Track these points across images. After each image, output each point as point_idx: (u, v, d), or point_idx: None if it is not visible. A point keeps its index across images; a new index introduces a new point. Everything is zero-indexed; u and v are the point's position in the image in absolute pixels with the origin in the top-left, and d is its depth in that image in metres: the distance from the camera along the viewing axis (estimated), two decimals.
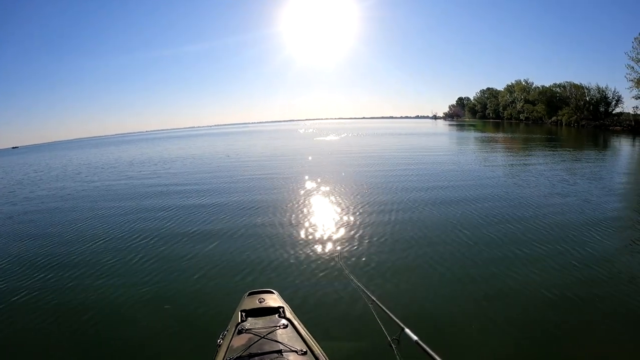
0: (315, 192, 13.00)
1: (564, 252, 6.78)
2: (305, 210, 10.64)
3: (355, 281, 3.93)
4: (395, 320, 2.61)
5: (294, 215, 10.04)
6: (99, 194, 15.23)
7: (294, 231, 8.73)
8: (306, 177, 15.94)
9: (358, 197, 11.73)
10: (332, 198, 11.88)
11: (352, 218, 9.44)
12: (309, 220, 9.62)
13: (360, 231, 8.39)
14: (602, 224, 8.35)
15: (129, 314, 5.42)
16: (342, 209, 10.34)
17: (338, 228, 8.71)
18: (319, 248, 7.55)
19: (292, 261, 6.99)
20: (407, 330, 2.42)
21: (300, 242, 7.99)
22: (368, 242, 7.72)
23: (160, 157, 32.34)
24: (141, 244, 8.40)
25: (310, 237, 8.30)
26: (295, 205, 11.21)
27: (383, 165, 18.97)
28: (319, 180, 15.16)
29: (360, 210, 10.09)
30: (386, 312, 2.86)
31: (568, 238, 7.48)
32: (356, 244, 7.63)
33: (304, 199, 12.04)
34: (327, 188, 13.44)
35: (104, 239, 8.93)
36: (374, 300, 3.18)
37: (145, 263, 7.27)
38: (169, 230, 9.36)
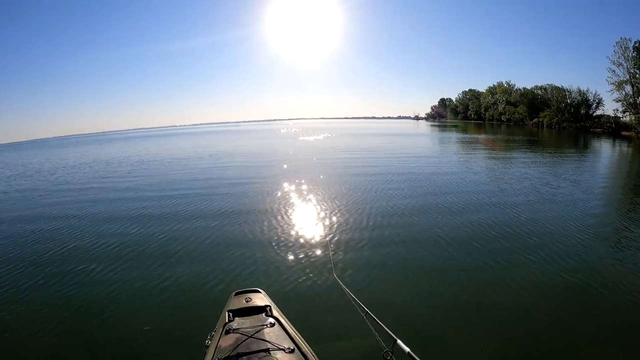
0: (301, 194, 12.73)
1: (553, 259, 6.69)
2: (291, 212, 10.48)
3: (348, 292, 3.73)
4: (387, 332, 2.58)
5: (280, 217, 9.94)
6: (78, 197, 14.60)
7: (281, 232, 8.63)
8: (291, 180, 15.53)
9: (346, 202, 11.32)
10: (320, 202, 11.52)
11: (341, 223, 9.18)
12: (296, 222, 9.46)
13: (351, 237, 8.13)
14: (586, 229, 8.40)
15: (115, 315, 5.40)
16: (330, 214, 10.07)
17: (327, 232, 8.47)
18: (309, 251, 7.44)
19: (279, 262, 6.96)
20: (400, 342, 2.40)
21: (288, 243, 7.91)
22: (360, 249, 7.52)
23: (145, 157, 31.15)
24: (125, 246, 8.24)
25: (298, 239, 8.15)
26: (281, 207, 11.04)
27: (370, 169, 18.13)
28: (304, 182, 14.86)
29: (348, 215, 9.82)
30: (378, 323, 2.79)
31: (556, 244, 7.43)
32: (349, 250, 7.44)
33: (290, 201, 11.84)
34: (314, 191, 13.11)
35: (85, 241, 8.78)
36: (367, 311, 3.10)
37: (130, 265, 7.17)
38: (152, 231, 9.21)
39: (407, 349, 2.29)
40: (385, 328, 2.64)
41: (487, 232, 8.19)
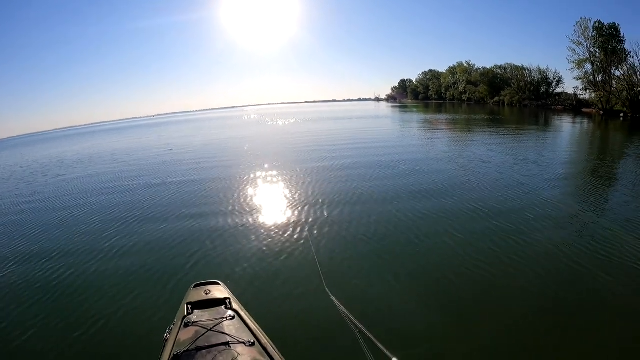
0: (264, 186, 12.36)
1: (544, 257, 6.18)
2: (256, 203, 10.12)
3: (342, 307, 3.53)
4: (382, 349, 2.48)
5: (244, 208, 9.61)
6: (23, 192, 15.11)
7: (246, 224, 8.37)
8: (253, 170, 15.06)
9: (313, 195, 10.52)
10: (287, 194, 10.94)
11: (310, 216, 8.66)
12: (263, 214, 9.17)
13: (331, 238, 7.43)
14: (555, 212, 8.30)
15: (71, 309, 5.30)
16: (297, 206, 9.56)
17: (300, 224, 8.07)
18: (289, 247, 7.01)
19: (244, 253, 6.77)
20: None
21: (255, 235, 7.68)
22: (342, 246, 6.96)
23: (102, 152, 28.16)
24: (83, 237, 8.34)
25: (269, 231, 7.84)
26: (244, 198, 10.70)
27: (335, 160, 16.30)
28: (267, 173, 14.32)
29: (321, 208, 9.23)
30: (372, 340, 2.70)
31: (539, 239, 6.92)
32: (332, 250, 6.81)
33: (253, 192, 11.42)
34: (279, 182, 12.63)
35: (40, 236, 8.79)
36: (360, 328, 2.95)
37: (84, 258, 7.09)
38: (109, 222, 9.22)
39: None
40: (380, 346, 2.52)
41: (486, 235, 7.20)
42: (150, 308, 5.11)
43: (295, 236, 7.45)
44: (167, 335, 2.95)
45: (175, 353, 2.63)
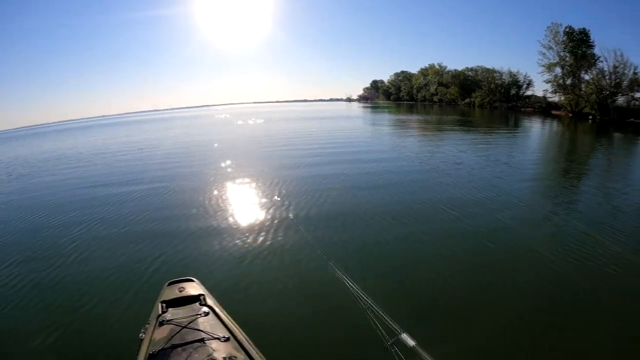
0: (233, 182, 12.33)
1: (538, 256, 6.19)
2: (225, 200, 10.19)
3: (348, 281, 3.66)
4: (390, 325, 2.57)
5: (213, 205, 9.59)
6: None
7: (222, 219, 8.45)
8: (221, 168, 15.09)
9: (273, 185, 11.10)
10: (252, 190, 11.17)
11: (277, 212, 8.68)
12: (233, 210, 9.17)
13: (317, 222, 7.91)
14: (550, 211, 8.46)
15: (44, 314, 5.06)
16: (262, 202, 9.67)
17: (270, 219, 8.21)
18: (276, 232, 7.38)
19: (218, 248, 6.81)
20: (404, 335, 2.36)
21: (233, 228, 7.79)
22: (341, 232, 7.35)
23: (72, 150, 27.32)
24: (48, 239, 7.91)
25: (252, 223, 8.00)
26: (213, 195, 10.63)
27: (310, 164, 15.39)
28: (236, 170, 14.40)
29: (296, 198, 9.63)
30: (381, 315, 2.76)
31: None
32: (324, 232, 7.21)
33: (226, 189, 11.49)
34: (248, 178, 12.70)
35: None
36: (370, 304, 3.01)
37: (53, 260, 6.77)
38: (76, 224, 8.73)
39: (412, 343, 2.21)
40: (388, 321, 2.61)
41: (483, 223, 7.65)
42: (125, 308, 5.02)
43: (267, 229, 7.54)
44: (142, 335, 2.92)
45: (151, 352, 2.60)
